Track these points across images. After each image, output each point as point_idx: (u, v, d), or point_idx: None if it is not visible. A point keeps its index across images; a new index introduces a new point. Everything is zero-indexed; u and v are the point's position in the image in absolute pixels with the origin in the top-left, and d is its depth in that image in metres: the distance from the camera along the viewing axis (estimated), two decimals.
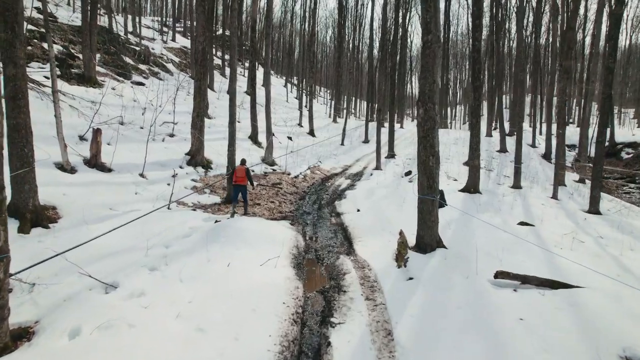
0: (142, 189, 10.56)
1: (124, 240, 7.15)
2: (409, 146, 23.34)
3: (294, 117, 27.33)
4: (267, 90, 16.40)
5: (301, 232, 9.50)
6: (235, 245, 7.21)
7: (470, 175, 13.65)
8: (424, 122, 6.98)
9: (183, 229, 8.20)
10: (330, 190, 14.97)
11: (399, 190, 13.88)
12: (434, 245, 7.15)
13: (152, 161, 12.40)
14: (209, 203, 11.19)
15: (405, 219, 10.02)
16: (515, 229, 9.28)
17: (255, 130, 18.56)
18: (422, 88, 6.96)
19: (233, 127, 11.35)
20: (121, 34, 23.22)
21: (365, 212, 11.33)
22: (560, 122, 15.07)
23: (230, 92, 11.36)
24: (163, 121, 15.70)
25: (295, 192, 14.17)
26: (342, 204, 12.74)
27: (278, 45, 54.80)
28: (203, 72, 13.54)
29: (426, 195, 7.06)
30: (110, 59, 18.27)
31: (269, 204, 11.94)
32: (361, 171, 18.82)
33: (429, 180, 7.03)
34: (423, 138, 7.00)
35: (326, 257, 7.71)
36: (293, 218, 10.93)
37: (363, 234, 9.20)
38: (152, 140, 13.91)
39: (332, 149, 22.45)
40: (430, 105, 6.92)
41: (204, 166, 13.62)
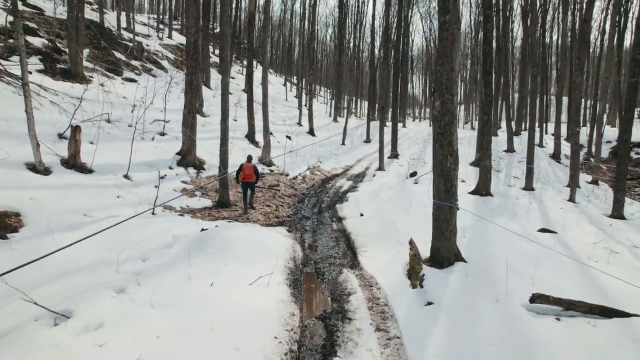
0: (126, 192, 9.55)
1: (94, 252, 6.15)
2: (413, 146, 22.34)
3: (293, 115, 26.32)
4: (264, 87, 15.40)
5: (299, 240, 8.49)
6: (222, 258, 6.20)
7: (481, 176, 12.64)
8: (440, 116, 5.97)
9: (165, 238, 7.19)
10: (331, 193, 13.97)
11: (404, 192, 12.88)
12: (452, 258, 6.14)
13: (139, 161, 11.39)
14: (198, 207, 10.18)
15: (413, 225, 9.03)
16: (537, 237, 8.27)
17: (252, 129, 17.55)
18: (439, 77, 5.95)
19: (226, 124, 10.35)
20: (114, 29, 22.21)
21: (370, 216, 10.32)
22: (574, 120, 14.06)
23: (222, 86, 10.35)
24: (154, 119, 14.69)
25: (294, 194, 13.16)
26: (343, 208, 11.72)
27: (277, 44, 53.80)
28: (195, 66, 12.52)
29: (443, 200, 6.05)
30: (100, 54, 17.26)
31: (265, 207, 10.93)
32: (363, 172, 17.81)
33: (446, 183, 6.02)
34: (440, 135, 5.99)
35: (327, 271, 6.70)
36: (291, 224, 9.92)
37: (368, 243, 8.19)
38: (141, 139, 12.90)
39: (333, 149, 21.45)
40: (448, 97, 5.91)
41: (195, 167, 12.60)
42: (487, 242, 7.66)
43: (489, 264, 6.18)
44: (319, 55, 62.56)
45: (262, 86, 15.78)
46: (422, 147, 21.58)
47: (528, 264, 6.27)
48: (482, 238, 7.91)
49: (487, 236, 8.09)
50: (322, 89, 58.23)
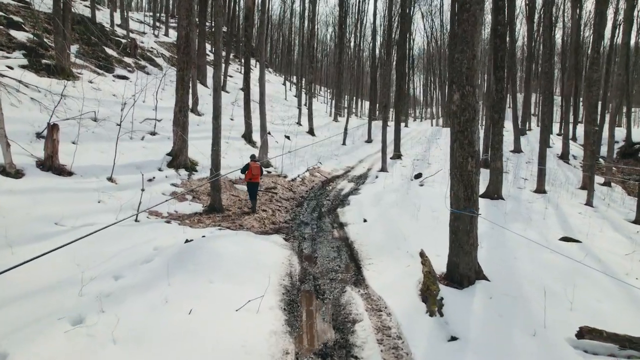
0: (108, 196, 8.67)
1: (60, 269, 5.27)
2: (416, 146, 21.45)
3: (292, 115, 25.44)
4: (261, 84, 14.52)
5: (297, 250, 7.61)
6: (207, 275, 5.32)
7: (492, 178, 11.76)
8: (460, 111, 5.08)
9: (146, 250, 6.31)
10: (332, 195, 13.08)
11: (409, 195, 11.99)
12: (473, 276, 5.26)
13: (126, 163, 10.52)
14: (188, 212, 9.30)
15: (422, 233, 8.15)
16: (560, 247, 7.40)
17: (250, 129, 16.67)
18: (458, 66, 5.07)
19: (218, 122, 9.47)
20: (107, 26, 21.33)
21: (373, 222, 9.44)
22: (592, 119, 13.18)
23: (214, 81, 9.48)
24: (145, 118, 13.81)
25: (292, 197, 12.28)
26: (345, 212, 10.84)
27: (277, 43, 52.92)
28: (187, 61, 11.64)
29: (463, 209, 5.17)
30: (90, 50, 16.38)
31: (261, 212, 10.05)
32: (365, 173, 16.92)
33: (466, 189, 5.14)
34: (459, 133, 5.11)
35: (328, 289, 5.82)
36: (288, 231, 9.04)
37: (373, 254, 7.31)
38: (130, 139, 12.03)
39: (333, 149, 20.56)
40: (469, 89, 5.03)
41: (187, 168, 11.72)
42: (507, 254, 6.78)
43: (516, 283, 5.30)
44: (319, 54, 61.65)
45: (259, 84, 14.91)
46: (425, 147, 20.69)
47: (560, 282, 5.40)
48: (502, 249, 7.03)
49: (507, 246, 7.21)
50: (322, 89, 57.35)
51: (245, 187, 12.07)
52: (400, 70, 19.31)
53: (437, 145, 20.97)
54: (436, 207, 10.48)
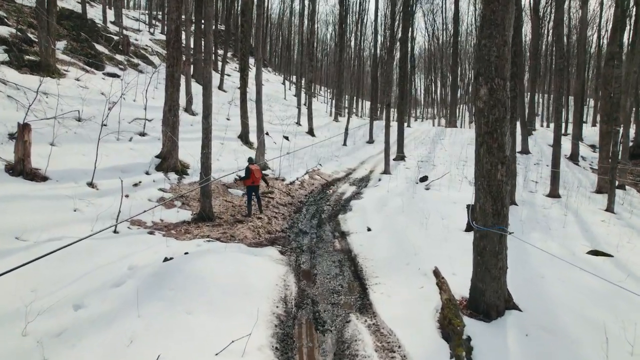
0: (86, 203, 7.78)
1: (9, 296, 4.39)
2: (419, 147, 20.55)
3: (291, 115, 24.54)
4: (258, 82, 13.64)
5: (294, 265, 6.72)
6: (186, 303, 4.44)
7: None
8: (488, 108, 4.19)
9: (119, 269, 5.43)
10: (333, 200, 12.19)
11: (415, 200, 11.12)
12: (502, 305, 4.37)
13: (110, 166, 9.64)
14: (175, 221, 8.41)
15: (434, 245, 7.27)
16: (591, 262, 6.52)
17: (246, 129, 15.79)
18: (485, 54, 4.18)
19: (208, 122, 8.58)
20: (99, 22, 20.45)
21: (379, 232, 8.56)
22: (606, 118, 12.29)
23: (204, 77, 8.59)
24: (134, 117, 12.92)
25: (290, 202, 11.39)
26: (347, 220, 9.97)
27: (277, 43, 52.01)
28: (177, 57, 10.75)
29: (491, 226, 4.27)
30: (79, 46, 15.48)
31: (255, 220, 9.15)
32: (367, 175, 16.03)
33: (495, 202, 4.24)
34: (487, 135, 4.22)
35: (329, 317, 4.93)
36: (284, 241, 8.15)
37: (380, 270, 6.43)
38: (116, 140, 11.15)
39: (334, 150, 19.67)
40: (499, 82, 4.14)
41: (177, 171, 10.83)
42: (532, 272, 5.89)
43: (552, 314, 4.41)
44: (319, 54, 60.70)
45: (255, 81, 14.03)
46: (429, 148, 19.80)
47: (602, 310, 4.51)
48: (524, 266, 6.14)
49: (529, 263, 6.33)
50: (323, 89, 56.45)
51: (239, 192, 11.21)
52: (403, 68, 18.42)
53: (442, 146, 20.08)
54: (446, 213, 9.61)
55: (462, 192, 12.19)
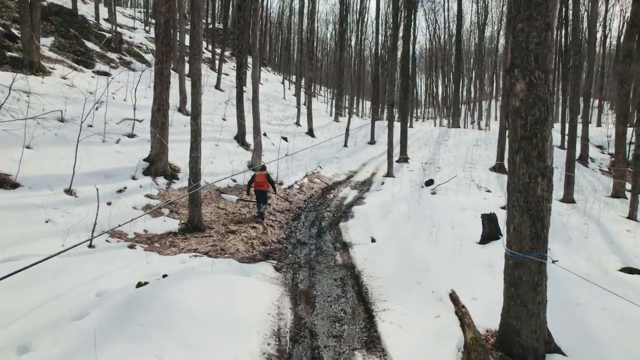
0: (61, 213, 6.98)
1: None
2: (423, 148, 19.72)
3: (290, 115, 23.72)
4: (254, 80, 12.82)
5: (290, 285, 5.92)
6: (157, 343, 3.63)
7: None
8: (526, 108, 3.39)
9: (85, 296, 4.62)
10: (333, 205, 11.38)
11: (421, 206, 10.30)
12: (541, 348, 3.57)
13: (93, 170, 8.83)
14: (160, 232, 7.60)
15: (446, 261, 6.47)
16: (628, 283, 5.71)
17: (242, 130, 14.97)
18: (523, 41, 3.37)
19: (197, 123, 7.78)
20: (91, 19, 19.64)
21: (384, 243, 7.75)
22: (623, 118, 11.48)
23: (191, 73, 7.79)
24: (123, 118, 12.10)
25: (288, 209, 10.58)
26: (349, 228, 9.16)
27: (277, 42, 51.15)
28: (166, 53, 9.94)
29: (528, 252, 3.46)
30: (68, 43, 14.67)
31: (249, 230, 8.35)
32: (369, 178, 15.21)
33: (534, 223, 3.44)
34: (524, 140, 3.41)
35: (330, 356, 4.11)
36: (280, 254, 7.35)
37: (388, 292, 5.62)
38: (102, 142, 10.33)
39: (334, 152, 18.85)
40: (540, 76, 3.34)
41: (166, 176, 10.02)
42: (566, 298, 5.08)
43: None
44: (319, 54, 59.80)
45: (252, 79, 13.21)
46: (433, 149, 18.98)
47: None
48: (557, 290, 5.30)
49: (560, 286, 5.50)
50: (323, 88, 55.63)
51: (233, 198, 10.41)
52: (406, 66, 17.60)
53: (446, 147, 19.25)
54: (455, 221, 8.80)
55: (471, 197, 11.39)
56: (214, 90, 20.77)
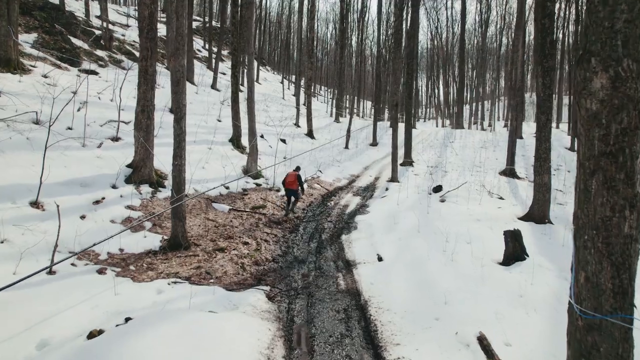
0: (22, 231, 6.00)
1: None
2: (428, 150, 18.72)
3: (290, 115, 22.73)
4: (249, 78, 11.82)
5: (284, 320, 4.94)
6: None
7: (537, 196, 9.06)
8: (609, 113, 2.40)
9: (21, 351, 3.63)
10: (334, 215, 10.40)
11: (431, 216, 9.34)
12: None
13: (68, 179, 7.84)
14: (138, 251, 6.61)
15: (468, 289, 5.50)
16: None
17: (238, 132, 13.99)
18: (605, 19, 2.37)
19: (180, 127, 6.80)
20: (81, 15, 18.64)
21: (393, 263, 6.77)
22: None
23: (173, 71, 6.80)
24: (108, 119, 11.11)
25: (285, 219, 9.58)
26: (352, 242, 8.19)
27: (276, 41, 50.11)
28: (150, 48, 8.95)
29: (609, 313, 2.46)
30: (52, 40, 13.66)
31: (240, 246, 7.36)
32: (373, 183, 14.22)
33: (619, 273, 2.46)
34: (605, 157, 2.43)
35: None
36: (275, 277, 6.37)
37: (401, 332, 4.64)
38: (82, 147, 9.34)
39: (335, 154, 17.86)
40: (630, 67, 2.35)
41: (151, 184, 9.04)
42: None
43: None
44: (319, 53, 58.72)
45: (247, 78, 12.22)
46: (438, 151, 17.98)
47: None
48: None
49: None
50: (323, 88, 54.63)
51: (225, 208, 9.42)
52: (411, 64, 16.60)
53: (452, 149, 18.24)
54: (471, 235, 7.82)
55: (484, 206, 10.39)
56: (209, 90, 19.78)
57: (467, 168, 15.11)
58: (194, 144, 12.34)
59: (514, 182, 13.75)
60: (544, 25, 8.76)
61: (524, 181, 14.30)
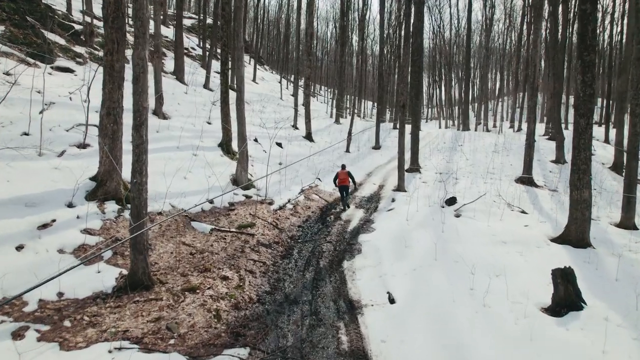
0: None
1: None
2: (435, 154, 17.18)
3: (287, 117, 21.19)
4: (238, 77, 10.29)
5: None
6: None
7: (575, 215, 7.56)
8: None
9: None
10: (335, 233, 8.91)
11: (447, 235, 7.88)
12: None
13: (8, 198, 6.36)
14: (85, 294, 5.12)
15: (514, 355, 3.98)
16: None
17: (229, 136, 12.48)
18: None
19: (141, 135, 5.30)
20: (60, 8, 17.11)
21: (408, 307, 5.31)
22: None
23: (134, 65, 5.31)
24: (77, 123, 9.61)
25: (277, 240, 8.08)
26: (356, 272, 6.72)
27: (275, 41, 48.51)
28: (117, 39, 7.43)
29: None
30: (22, 34, 12.14)
31: (218, 282, 5.86)
32: (377, 193, 12.72)
33: None
34: None
35: None
36: (259, 329, 4.87)
37: None
38: (38, 156, 7.83)
39: (335, 159, 16.34)
40: None
41: (119, 200, 7.53)
42: None
43: None
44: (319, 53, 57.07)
45: (236, 76, 10.72)
46: (447, 156, 16.43)
47: None
48: None
49: None
50: (323, 88, 53.09)
51: (206, 228, 7.90)
52: (417, 62, 15.09)
53: (462, 153, 16.69)
54: (501, 265, 6.33)
55: (506, 222, 8.90)
56: (201, 89, 18.27)
57: (479, 175, 13.60)
58: (177, 150, 10.84)
59: (533, 192, 12.25)
60: (584, 11, 7.24)
61: (544, 190, 12.79)
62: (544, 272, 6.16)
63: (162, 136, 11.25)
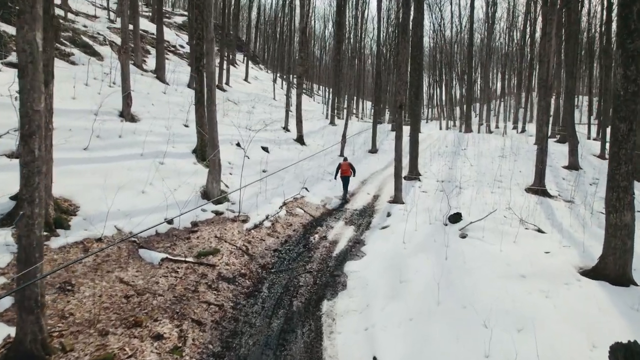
0: None
1: None
2: (436, 159, 15.55)
3: (278, 118, 19.62)
4: (208, 73, 8.73)
5: None
6: None
7: (613, 244, 5.97)
8: None
9: None
10: (317, 259, 7.34)
11: (452, 264, 6.33)
12: None
13: None
14: None
15: None
16: None
17: (204, 141, 10.89)
18: None
19: (30, 149, 3.75)
20: None
21: None
22: None
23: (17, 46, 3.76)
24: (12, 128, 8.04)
25: (244, 272, 6.52)
26: (337, 321, 5.20)
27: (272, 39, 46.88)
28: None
29: None
30: None
31: (147, 345, 4.30)
32: (371, 205, 11.14)
33: None
34: None
35: None
36: None
37: None
38: None
39: (327, 164, 14.77)
40: None
41: (46, 224, 5.96)
42: None
43: None
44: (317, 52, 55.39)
45: (205, 73, 9.15)
46: (449, 161, 14.83)
47: None
48: None
49: None
50: (321, 88, 51.43)
51: (158, 257, 6.33)
52: (417, 58, 13.49)
53: (466, 158, 15.08)
54: (521, 313, 4.77)
55: (522, 246, 7.28)
56: (183, 88, 16.71)
57: (486, 183, 11.99)
58: (140, 157, 9.30)
59: (547, 203, 10.64)
60: None
61: (559, 201, 11.18)
62: (580, 325, 4.65)
63: (124, 142, 9.70)
